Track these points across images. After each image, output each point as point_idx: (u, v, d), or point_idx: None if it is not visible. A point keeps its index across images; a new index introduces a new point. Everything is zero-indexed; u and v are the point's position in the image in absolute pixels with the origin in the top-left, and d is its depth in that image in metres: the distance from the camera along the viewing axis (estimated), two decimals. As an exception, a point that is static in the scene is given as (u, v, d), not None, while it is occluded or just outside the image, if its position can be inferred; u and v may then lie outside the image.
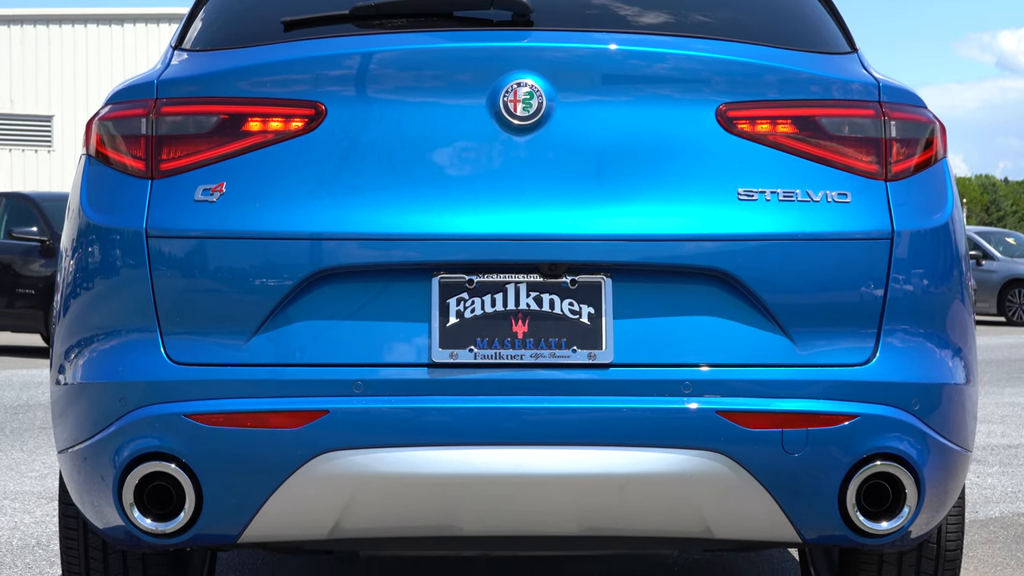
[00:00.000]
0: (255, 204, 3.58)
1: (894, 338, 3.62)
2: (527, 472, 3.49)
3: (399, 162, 3.59)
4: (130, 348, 3.60)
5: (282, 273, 3.55)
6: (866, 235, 3.62)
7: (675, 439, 3.49)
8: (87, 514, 3.73)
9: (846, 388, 3.56)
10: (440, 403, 3.49)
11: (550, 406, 3.49)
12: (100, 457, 3.59)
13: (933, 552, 4.17)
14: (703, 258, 3.56)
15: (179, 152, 3.62)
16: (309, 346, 3.55)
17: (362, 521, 3.58)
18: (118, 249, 3.63)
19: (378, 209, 3.56)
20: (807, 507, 3.57)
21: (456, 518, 3.58)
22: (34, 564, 5.59)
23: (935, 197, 3.73)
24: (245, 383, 3.53)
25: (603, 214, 3.56)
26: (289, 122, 3.62)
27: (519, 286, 3.57)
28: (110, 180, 3.69)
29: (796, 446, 3.52)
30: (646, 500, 3.54)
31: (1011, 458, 8.73)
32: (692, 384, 3.52)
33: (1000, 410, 11.49)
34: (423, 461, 3.48)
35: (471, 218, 3.55)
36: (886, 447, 3.56)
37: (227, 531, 3.59)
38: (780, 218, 3.59)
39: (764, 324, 3.58)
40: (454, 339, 3.53)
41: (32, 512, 6.74)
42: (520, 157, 3.60)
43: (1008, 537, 6.21)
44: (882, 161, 3.66)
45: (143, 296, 3.60)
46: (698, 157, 3.63)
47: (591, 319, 3.55)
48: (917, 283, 3.65)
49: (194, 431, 3.51)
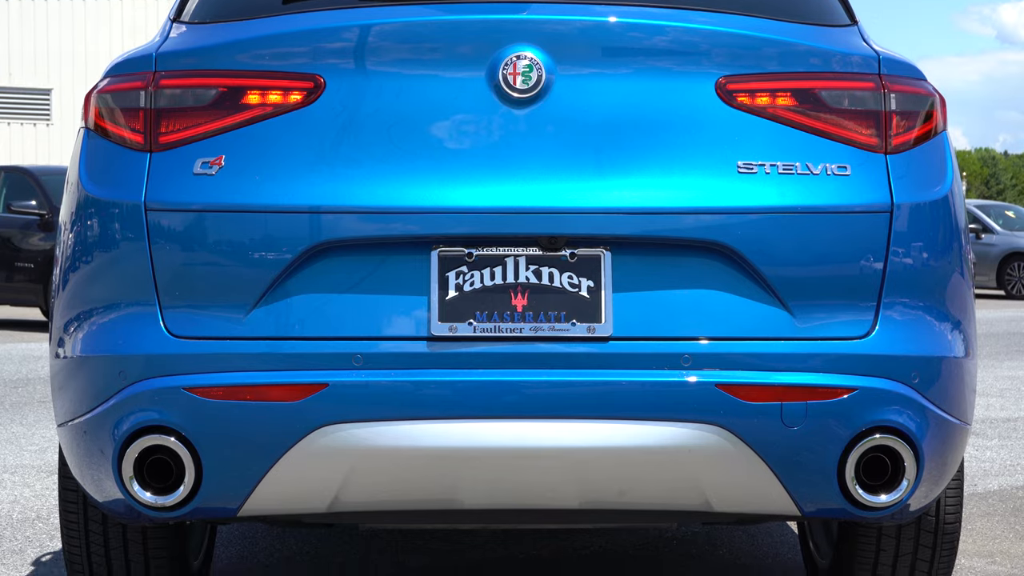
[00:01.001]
0: (254, 177, 3.57)
1: (893, 311, 3.62)
2: (527, 445, 3.49)
3: (398, 135, 3.59)
4: (129, 322, 3.60)
5: (281, 246, 3.55)
6: (866, 208, 3.61)
7: (674, 412, 3.49)
8: (87, 487, 3.73)
9: (845, 361, 3.56)
10: (439, 376, 3.49)
11: (549, 379, 3.49)
12: (100, 430, 3.59)
13: (932, 525, 4.17)
14: (702, 231, 3.56)
15: (178, 125, 3.62)
16: (308, 319, 3.55)
17: (362, 494, 3.58)
18: (117, 222, 3.63)
19: (377, 182, 3.56)
20: (806, 480, 3.57)
21: (455, 491, 3.58)
22: (34, 537, 5.60)
23: (935, 170, 3.72)
24: (244, 356, 3.53)
25: (602, 187, 3.56)
26: (288, 95, 3.61)
27: (518, 259, 3.56)
28: (109, 153, 3.68)
29: (795, 419, 3.52)
30: (645, 473, 3.54)
31: (1010, 431, 8.75)
32: (691, 357, 3.52)
33: (999, 383, 11.50)
34: (422, 434, 3.48)
35: (470, 191, 3.55)
36: (885, 420, 3.56)
37: (227, 504, 3.60)
38: (780, 191, 3.58)
39: (763, 297, 3.58)
40: (453, 312, 3.53)
41: (32, 486, 6.75)
42: (519, 130, 3.59)
43: (1006, 510, 6.22)
44: (882, 134, 3.66)
45: (142, 269, 3.59)
46: (698, 130, 3.62)
47: (590, 292, 3.55)
48: (917, 256, 3.65)
49: (193, 404, 3.51)
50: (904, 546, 4.21)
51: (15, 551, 5.37)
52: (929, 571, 4.26)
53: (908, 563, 4.23)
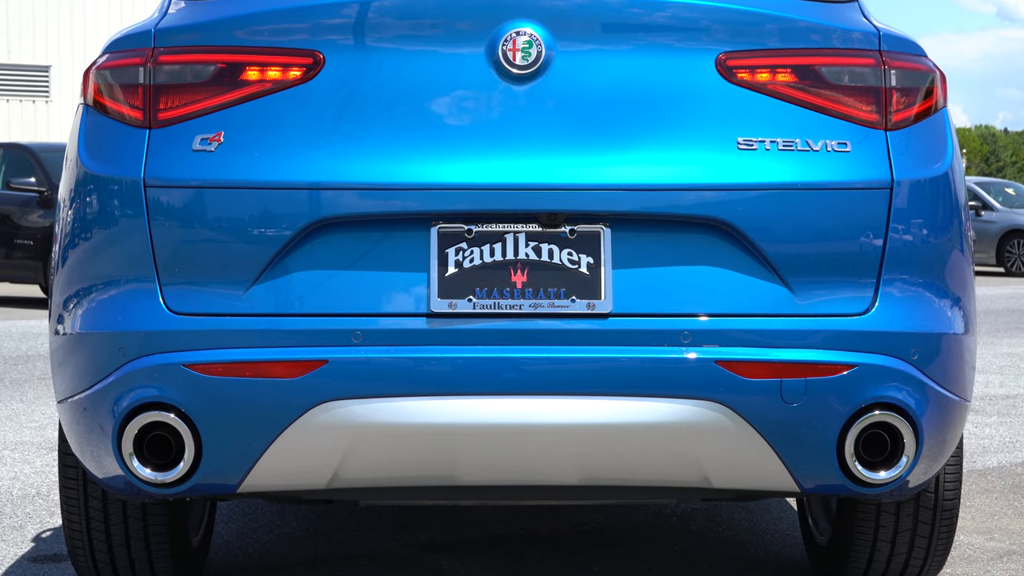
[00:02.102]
0: (253, 153, 3.57)
1: (893, 288, 3.61)
2: (526, 422, 3.49)
3: (398, 111, 3.58)
4: (129, 298, 3.60)
5: (280, 223, 3.55)
6: (866, 184, 3.61)
7: (674, 389, 3.49)
8: (86, 464, 3.74)
9: (845, 338, 3.56)
10: (439, 353, 3.49)
11: (549, 356, 3.49)
12: (99, 407, 3.59)
13: (931, 501, 4.18)
14: (702, 207, 3.56)
15: (177, 101, 3.61)
16: (308, 296, 3.55)
17: (361, 471, 3.58)
18: (116, 199, 3.62)
19: (377, 158, 3.56)
20: (805, 457, 3.57)
21: (455, 468, 3.59)
22: (34, 514, 5.61)
23: (935, 146, 3.72)
24: (244, 333, 3.53)
25: (602, 163, 3.56)
26: (287, 71, 3.60)
27: (518, 236, 3.56)
28: (108, 130, 3.68)
29: (795, 396, 3.52)
30: (645, 450, 3.55)
31: (1009, 408, 8.75)
32: (691, 334, 3.52)
33: (998, 360, 11.51)
34: (422, 411, 3.49)
35: (470, 168, 3.55)
36: (885, 397, 3.56)
37: (226, 481, 3.60)
38: (780, 167, 3.58)
39: (763, 274, 3.58)
40: (453, 289, 3.53)
41: (32, 462, 6.75)
42: (519, 106, 3.58)
43: (1005, 487, 6.23)
44: (882, 110, 3.65)
45: (141, 246, 3.59)
46: (698, 106, 3.62)
47: (590, 269, 3.54)
48: (916, 233, 3.65)
49: (193, 381, 3.51)
50: (903, 522, 4.21)
51: (15, 527, 5.37)
52: (928, 547, 4.26)
53: (907, 539, 4.24)
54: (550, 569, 4.69)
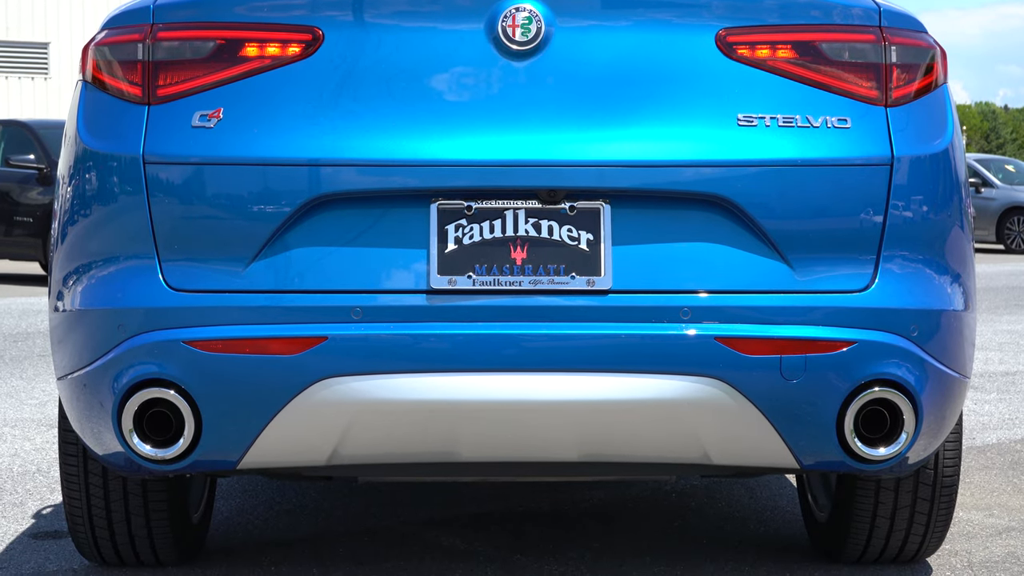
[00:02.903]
0: (252, 130, 3.57)
1: (893, 264, 3.61)
2: (526, 398, 3.49)
3: (397, 88, 3.58)
4: (128, 275, 3.60)
5: (280, 199, 3.54)
6: (866, 161, 3.61)
7: (674, 365, 3.49)
8: (87, 441, 3.74)
9: (845, 314, 3.56)
10: (439, 329, 3.49)
11: (549, 332, 3.50)
12: (99, 384, 3.60)
13: (930, 478, 4.18)
14: (702, 184, 3.55)
15: (176, 78, 3.61)
16: (307, 273, 3.54)
17: (361, 447, 3.59)
18: (115, 175, 3.62)
19: (376, 135, 3.55)
20: (805, 433, 3.58)
21: (455, 444, 3.59)
22: (34, 490, 5.61)
23: (935, 123, 3.71)
24: (243, 310, 3.53)
25: (602, 140, 3.55)
26: (286, 47, 3.60)
27: (517, 212, 3.56)
28: (107, 106, 3.67)
29: (794, 372, 3.52)
30: (645, 426, 3.55)
31: (1008, 385, 8.76)
32: (691, 310, 3.52)
33: (998, 337, 11.51)
34: (422, 387, 3.49)
35: (470, 144, 3.54)
36: (884, 373, 3.56)
37: (226, 457, 3.60)
38: (780, 144, 3.58)
39: (763, 250, 3.57)
40: (452, 265, 3.52)
41: (32, 439, 6.76)
42: (519, 83, 3.58)
43: (1005, 463, 6.24)
44: (882, 86, 3.65)
45: (141, 223, 3.59)
46: (697, 83, 3.61)
47: (590, 245, 3.54)
48: (916, 209, 3.64)
49: (193, 357, 3.51)
50: (902, 499, 4.22)
51: (16, 504, 5.38)
52: (927, 524, 4.27)
53: (906, 516, 4.25)
54: (549, 545, 4.70)
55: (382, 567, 4.44)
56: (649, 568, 4.43)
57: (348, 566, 4.45)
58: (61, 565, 4.49)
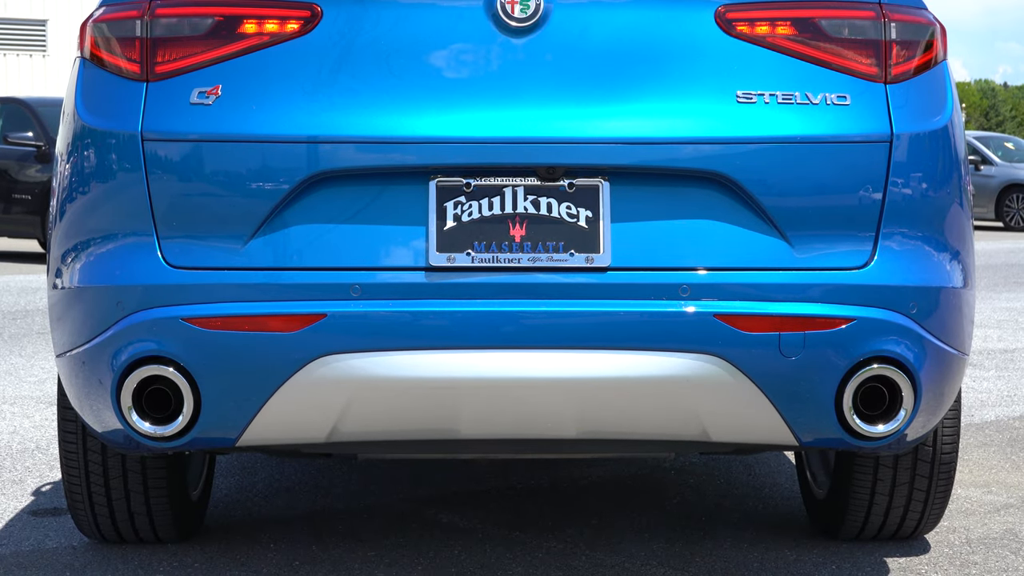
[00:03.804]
0: (251, 107, 3.56)
1: (892, 241, 3.61)
2: (525, 376, 3.49)
3: (396, 65, 3.57)
4: (127, 252, 3.59)
5: (278, 176, 3.54)
6: (865, 138, 3.60)
7: (673, 342, 3.49)
8: (86, 418, 3.74)
9: (844, 291, 3.56)
10: (437, 307, 3.49)
11: (548, 310, 3.49)
12: (98, 361, 3.59)
13: (929, 455, 4.19)
14: (701, 161, 3.55)
15: (174, 54, 3.60)
16: (306, 250, 3.54)
17: (360, 424, 3.59)
18: (114, 153, 3.61)
19: (375, 112, 3.54)
20: (804, 410, 3.58)
21: (454, 421, 3.59)
22: (34, 468, 5.62)
23: (934, 100, 3.71)
24: (242, 287, 3.53)
25: (601, 117, 3.55)
26: (285, 24, 3.59)
27: (516, 189, 3.56)
28: (105, 83, 3.67)
29: (793, 349, 3.52)
30: (644, 403, 3.55)
31: (1007, 362, 8.76)
32: (690, 288, 3.52)
33: (997, 315, 11.52)
34: (421, 365, 3.49)
35: (468, 121, 3.54)
36: (883, 350, 3.56)
37: (225, 434, 3.60)
38: (779, 121, 3.57)
39: (762, 227, 3.57)
40: (451, 243, 3.52)
41: (31, 416, 6.77)
42: (518, 60, 3.57)
43: (1003, 440, 6.24)
44: (882, 63, 3.64)
45: (139, 200, 3.58)
46: (697, 60, 3.61)
47: (589, 223, 3.54)
48: (916, 186, 3.64)
49: (192, 335, 3.51)
50: (901, 476, 4.22)
51: (15, 481, 5.39)
52: (925, 501, 4.28)
53: (905, 493, 4.25)
54: (548, 522, 4.71)
55: (381, 544, 4.44)
56: (648, 545, 4.44)
57: (347, 543, 4.46)
58: (60, 542, 4.50)
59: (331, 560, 4.28)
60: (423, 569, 4.18)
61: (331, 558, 4.30)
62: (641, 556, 4.32)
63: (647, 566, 4.22)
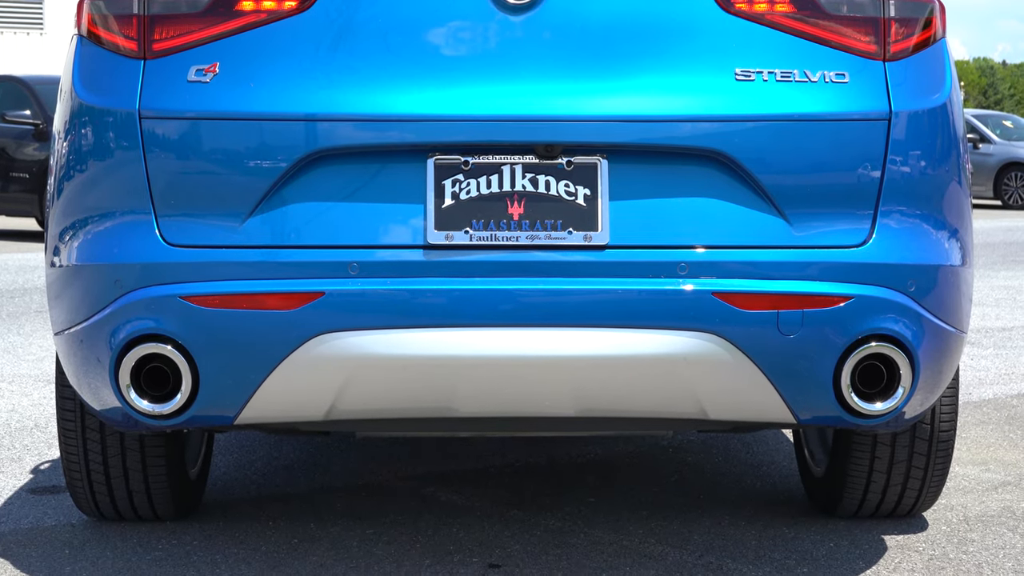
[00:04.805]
0: (249, 85, 3.55)
1: (890, 219, 3.61)
2: (523, 354, 3.49)
3: (394, 42, 3.56)
4: (125, 230, 3.59)
5: (276, 154, 3.53)
6: (864, 115, 3.60)
7: (671, 320, 3.49)
8: (84, 396, 3.74)
9: (842, 269, 3.56)
10: (436, 285, 3.49)
11: (546, 288, 3.49)
12: (96, 339, 3.59)
13: (927, 433, 4.19)
14: (700, 139, 3.54)
15: (171, 32, 3.59)
16: (304, 228, 3.54)
17: (358, 402, 3.59)
18: (111, 131, 3.61)
19: (373, 89, 3.54)
20: (802, 388, 3.58)
21: (452, 399, 3.59)
22: (32, 446, 5.62)
23: (933, 77, 3.70)
24: (240, 265, 3.52)
25: (599, 95, 3.54)
26: (282, 1, 3.58)
27: (515, 167, 3.55)
28: (102, 60, 3.66)
29: (791, 327, 3.52)
30: (642, 381, 3.55)
31: (1005, 341, 8.77)
32: (688, 266, 3.51)
33: (995, 293, 11.52)
34: (419, 343, 3.48)
35: (466, 99, 3.53)
36: (881, 328, 3.56)
37: (224, 413, 3.60)
38: (777, 99, 3.57)
39: (760, 205, 3.57)
40: (449, 221, 3.52)
41: (30, 395, 6.77)
42: (516, 37, 3.56)
43: (1001, 418, 6.25)
44: (880, 41, 3.63)
45: (137, 178, 3.58)
46: (695, 37, 3.60)
47: (587, 200, 3.53)
48: (914, 164, 3.63)
49: (190, 313, 3.51)
50: (899, 454, 4.23)
51: (13, 459, 5.39)
52: (923, 478, 4.28)
53: (903, 471, 4.26)
54: (546, 501, 4.71)
55: (380, 522, 4.45)
56: (646, 523, 4.44)
57: (346, 521, 4.46)
58: (59, 520, 4.50)
59: (329, 538, 4.28)
60: (421, 547, 4.19)
61: (329, 536, 4.30)
62: (639, 534, 4.33)
63: (645, 543, 4.23)
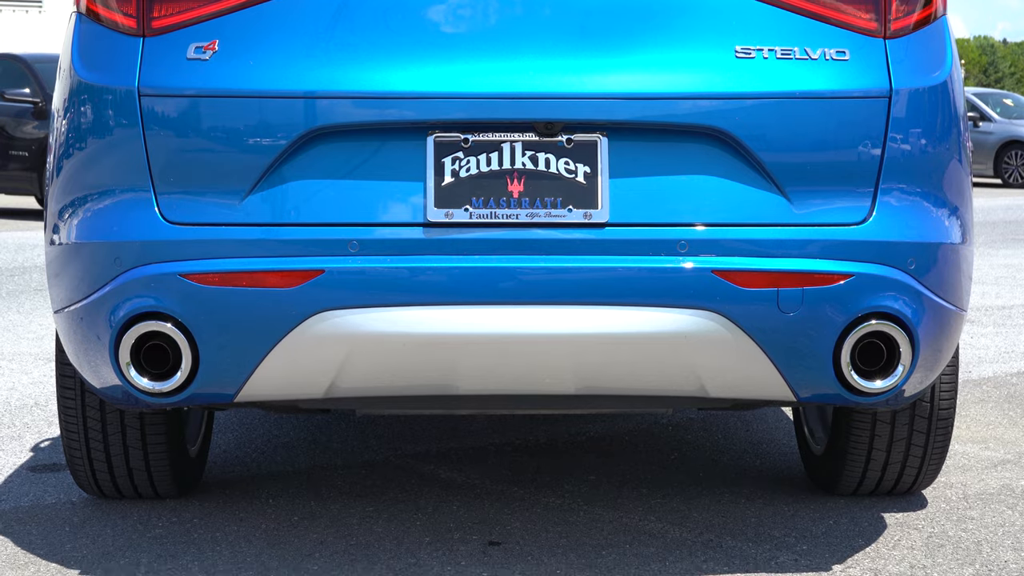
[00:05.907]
0: (248, 62, 3.54)
1: (891, 197, 3.60)
2: (523, 331, 3.49)
3: (393, 19, 3.55)
4: (124, 208, 3.58)
5: (276, 132, 3.53)
6: (864, 93, 3.59)
7: (671, 298, 3.49)
8: (84, 374, 3.74)
9: (842, 247, 3.55)
10: (435, 262, 3.49)
11: (546, 265, 3.49)
12: (96, 317, 3.59)
13: (926, 411, 4.20)
14: (700, 116, 3.54)
15: (170, 9, 3.58)
16: (304, 206, 3.53)
17: (358, 380, 3.59)
18: (110, 108, 3.60)
19: (372, 67, 3.53)
20: (802, 366, 3.58)
21: (452, 377, 3.59)
22: (32, 424, 5.63)
23: (934, 55, 3.69)
24: (240, 243, 3.52)
25: (599, 72, 3.53)
26: (282, -22, 3.57)
27: (514, 145, 3.54)
28: (101, 38, 3.65)
29: (791, 305, 3.52)
30: (641, 359, 3.55)
31: (1005, 319, 8.77)
32: (688, 243, 3.51)
33: (995, 271, 11.52)
34: (419, 320, 3.48)
35: (466, 76, 3.52)
36: (881, 306, 3.56)
37: (224, 390, 3.60)
38: (778, 76, 3.56)
39: (760, 183, 3.56)
40: (449, 198, 3.51)
41: (30, 373, 6.77)
42: (516, 15, 3.56)
43: (1000, 396, 6.25)
44: (881, 18, 3.63)
45: (136, 155, 3.57)
46: (696, 14, 3.59)
47: (587, 178, 3.53)
48: (914, 142, 3.63)
49: (189, 291, 3.51)
50: (899, 432, 4.23)
51: (13, 437, 5.39)
52: (923, 456, 4.29)
53: (902, 448, 4.26)
54: (545, 478, 4.72)
55: (379, 500, 4.45)
56: (645, 500, 4.45)
57: (345, 499, 4.47)
58: (59, 498, 4.51)
59: (329, 515, 4.29)
60: (421, 524, 4.19)
61: (329, 513, 4.31)
62: (639, 511, 4.33)
63: (645, 521, 4.23)
